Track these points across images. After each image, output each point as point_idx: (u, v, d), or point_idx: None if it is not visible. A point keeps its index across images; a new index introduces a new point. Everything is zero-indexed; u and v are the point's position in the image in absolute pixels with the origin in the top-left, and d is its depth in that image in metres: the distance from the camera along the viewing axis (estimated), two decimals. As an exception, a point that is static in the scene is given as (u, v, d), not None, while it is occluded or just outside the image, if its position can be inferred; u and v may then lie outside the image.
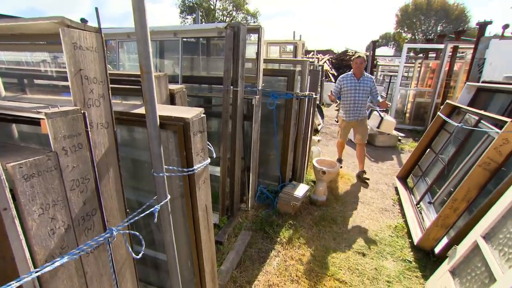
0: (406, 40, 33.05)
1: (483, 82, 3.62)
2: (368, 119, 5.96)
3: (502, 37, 4.62)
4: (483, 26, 4.96)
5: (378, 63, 11.60)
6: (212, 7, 32.69)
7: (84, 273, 0.99)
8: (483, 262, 1.59)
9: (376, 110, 5.75)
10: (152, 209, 1.09)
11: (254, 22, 32.92)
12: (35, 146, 1.27)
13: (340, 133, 4.37)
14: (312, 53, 11.82)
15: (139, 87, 1.34)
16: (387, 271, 2.34)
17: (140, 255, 1.05)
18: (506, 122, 2.08)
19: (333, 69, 12.74)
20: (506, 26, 4.81)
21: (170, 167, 1.15)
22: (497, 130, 2.29)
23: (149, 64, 0.96)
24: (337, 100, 4.16)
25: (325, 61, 11.80)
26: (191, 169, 1.14)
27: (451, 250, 2.04)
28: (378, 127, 5.61)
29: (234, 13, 33.54)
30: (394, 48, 37.53)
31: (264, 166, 3.50)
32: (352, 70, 3.90)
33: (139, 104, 1.26)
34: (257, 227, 2.80)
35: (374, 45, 9.96)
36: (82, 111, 0.90)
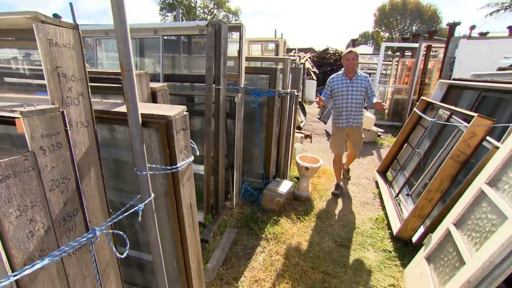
0: (384, 39, 34.11)
1: (453, 79, 3.82)
2: None
3: (469, 37, 4.89)
4: (452, 26, 5.23)
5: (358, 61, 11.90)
6: (193, 4, 32.20)
7: (66, 275, 0.97)
8: (454, 247, 1.70)
9: None
10: (136, 207, 1.08)
11: (236, 20, 32.73)
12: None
13: (331, 143, 3.64)
14: (294, 51, 11.95)
15: (120, 85, 1.32)
16: (368, 261, 2.43)
17: (125, 254, 1.04)
18: (473, 116, 2.22)
19: (314, 67, 12.94)
20: (472, 27, 5.12)
21: (153, 166, 1.14)
22: (466, 124, 2.43)
23: (129, 62, 0.95)
24: (327, 105, 3.59)
25: (306, 59, 11.97)
26: (174, 166, 1.14)
27: (426, 238, 2.16)
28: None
29: (215, 11, 33.22)
30: (373, 47, 38.57)
31: (248, 163, 3.52)
32: (343, 68, 3.32)
33: (120, 102, 1.24)
34: (242, 224, 2.82)
35: (353, 43, 10.22)
36: (60, 110, 0.88)
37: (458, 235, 1.75)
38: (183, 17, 29.74)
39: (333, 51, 14.56)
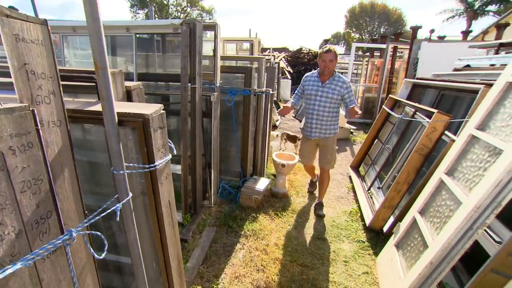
0: (355, 40, 35.44)
1: (417, 79, 4.09)
2: None
3: (429, 40, 5.26)
4: (415, 29, 5.60)
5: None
6: (166, 2, 31.37)
7: (40, 280, 0.94)
8: (419, 233, 1.84)
9: None
10: (114, 207, 1.07)
11: (210, 19, 32.40)
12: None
13: (300, 151, 3.28)
14: (268, 50, 12.09)
15: (93, 84, 1.29)
16: (344, 252, 2.55)
17: (103, 255, 1.02)
18: (433, 113, 2.41)
19: (289, 67, 13.18)
20: (432, 31, 5.53)
21: (131, 164, 1.13)
22: (428, 120, 2.63)
23: (104, 60, 0.94)
24: (296, 107, 2.88)
25: (281, 59, 12.14)
26: (152, 165, 1.14)
27: (395, 227, 2.31)
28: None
29: (188, 9, 32.61)
30: (344, 47, 39.94)
31: (225, 162, 3.54)
32: (318, 68, 2.82)
33: (94, 101, 1.22)
34: (221, 222, 2.83)
35: (326, 43, 10.53)
36: (30, 108, 0.85)
37: (422, 222, 1.90)
38: (155, 15, 28.91)
39: (306, 50, 14.93)
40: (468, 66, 3.51)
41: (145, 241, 1.44)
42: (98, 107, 1.11)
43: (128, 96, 1.41)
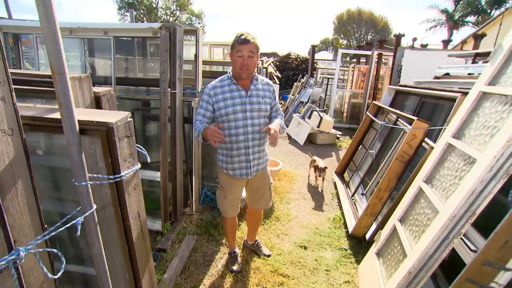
0: (343, 46, 36.15)
1: (399, 85, 4.16)
2: (309, 119, 6.34)
3: (412, 47, 5.39)
4: (398, 37, 5.73)
5: (317, 66, 12.49)
6: (154, 5, 31.14)
7: (-15, 304, 0.86)
8: (399, 241, 1.84)
9: (316, 110, 6.14)
10: (75, 221, 1.00)
11: (199, 23, 32.35)
12: None
13: (220, 198, 2.13)
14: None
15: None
16: (326, 260, 2.52)
17: (59, 274, 0.95)
18: (414, 120, 2.43)
19: (277, 71, 13.25)
20: (414, 39, 5.70)
21: (95, 175, 1.07)
22: (409, 126, 2.65)
23: (61, 64, 0.88)
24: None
25: (269, 64, 12.20)
26: (118, 175, 1.08)
27: (376, 235, 2.30)
28: (318, 126, 6.02)
29: (177, 12, 32.47)
30: (333, 53, 40.62)
31: (208, 168, 3.46)
32: (230, 69, 1.85)
33: (56, 108, 1.15)
34: (202, 230, 2.76)
35: (313, 49, 10.65)
36: (-25, 117, 0.78)
37: (402, 230, 1.90)
38: (144, 18, 28.65)
39: (295, 56, 15.07)
40: (447, 74, 3.59)
41: (118, 253, 1.36)
42: (58, 115, 1.04)
43: (97, 102, 1.35)
